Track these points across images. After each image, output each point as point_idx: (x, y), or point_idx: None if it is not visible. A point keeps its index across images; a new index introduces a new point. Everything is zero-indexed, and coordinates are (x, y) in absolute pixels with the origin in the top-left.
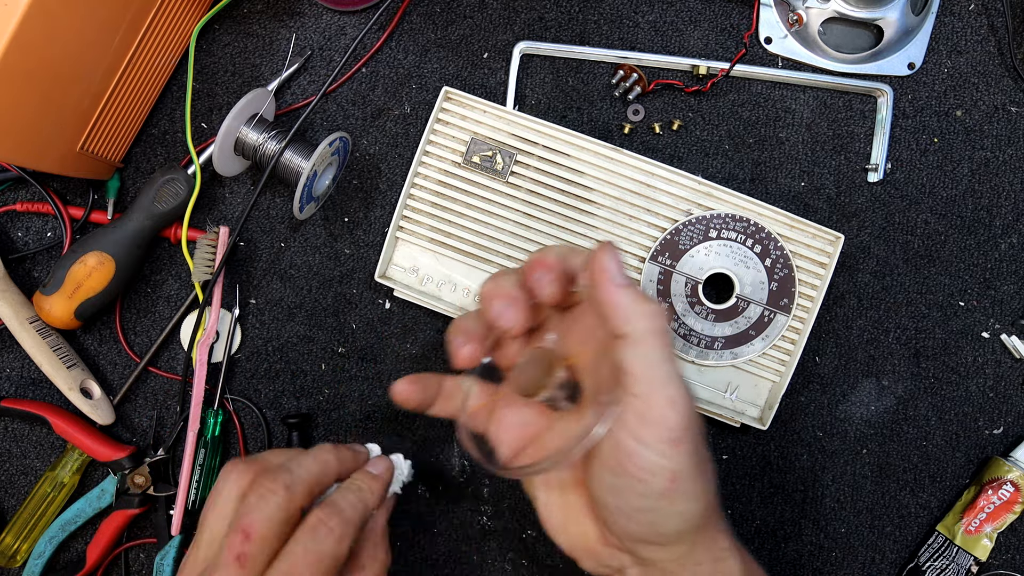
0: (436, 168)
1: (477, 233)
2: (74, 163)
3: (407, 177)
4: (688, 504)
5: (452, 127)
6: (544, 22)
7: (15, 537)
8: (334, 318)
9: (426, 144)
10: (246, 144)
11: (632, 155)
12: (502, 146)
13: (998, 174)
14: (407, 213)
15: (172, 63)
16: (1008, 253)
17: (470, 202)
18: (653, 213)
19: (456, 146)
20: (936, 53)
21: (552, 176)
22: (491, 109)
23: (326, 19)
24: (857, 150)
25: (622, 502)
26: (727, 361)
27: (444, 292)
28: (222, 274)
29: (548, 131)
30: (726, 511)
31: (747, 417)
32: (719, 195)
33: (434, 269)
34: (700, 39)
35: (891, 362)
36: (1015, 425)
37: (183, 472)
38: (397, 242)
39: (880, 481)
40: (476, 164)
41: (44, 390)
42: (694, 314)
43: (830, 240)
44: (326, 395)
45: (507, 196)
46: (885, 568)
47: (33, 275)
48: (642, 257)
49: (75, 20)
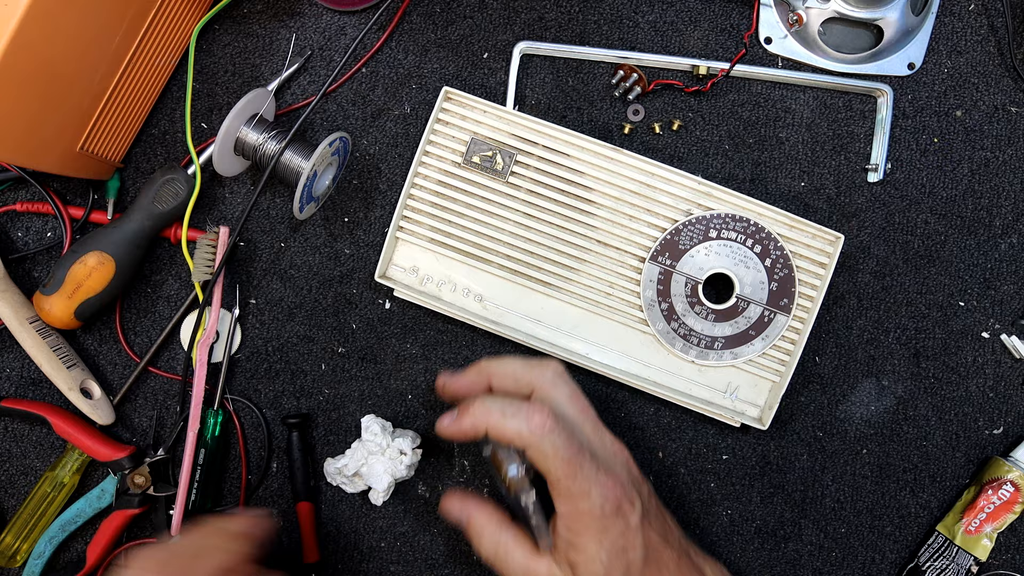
0: (436, 168)
1: (477, 233)
2: (74, 163)
3: (407, 177)
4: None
5: (452, 127)
6: (544, 22)
7: (15, 537)
8: (334, 318)
9: (426, 144)
10: (246, 144)
11: (632, 155)
12: (502, 146)
13: (998, 174)
14: (407, 213)
15: (172, 63)
16: (1008, 253)
17: (470, 202)
18: (653, 213)
19: (456, 146)
20: (936, 53)
21: (552, 176)
22: (491, 109)
23: (326, 19)
24: (857, 150)
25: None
26: (727, 361)
27: (444, 292)
28: (222, 274)
29: (548, 131)
30: (726, 511)
31: (747, 417)
32: (719, 195)
33: (434, 269)
34: (700, 39)
35: (891, 362)
36: (1015, 425)
37: (183, 472)
38: (397, 242)
39: (880, 481)
40: (476, 164)
41: (44, 390)
42: (694, 314)
43: (830, 240)
44: (326, 395)
45: (507, 196)
46: (885, 568)
47: (33, 275)
48: (642, 257)
49: (75, 20)
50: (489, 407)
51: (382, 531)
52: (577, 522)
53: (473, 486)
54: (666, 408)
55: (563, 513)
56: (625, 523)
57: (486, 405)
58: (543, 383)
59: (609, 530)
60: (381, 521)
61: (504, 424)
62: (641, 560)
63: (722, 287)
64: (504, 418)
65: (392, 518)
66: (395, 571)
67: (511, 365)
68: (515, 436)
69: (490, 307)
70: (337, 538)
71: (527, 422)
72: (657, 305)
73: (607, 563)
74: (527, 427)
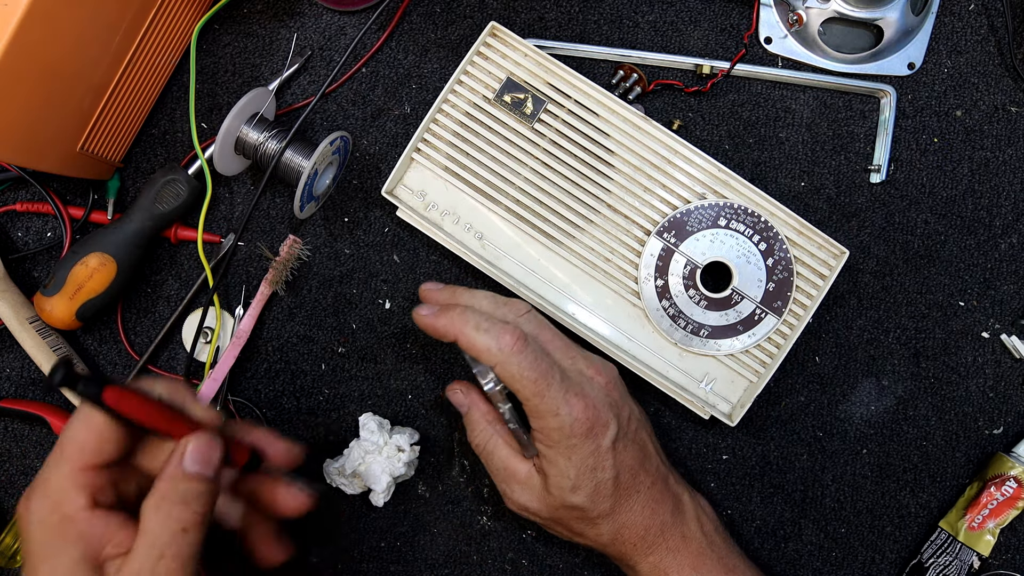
0: (465, 99)
1: (492, 172)
2: (74, 163)
3: (435, 102)
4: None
5: (491, 63)
6: (544, 22)
7: (15, 537)
8: (334, 318)
9: (460, 74)
10: (247, 143)
11: (660, 128)
12: (536, 92)
13: (998, 174)
14: (427, 137)
15: (172, 63)
16: (1008, 253)
17: (492, 139)
18: (668, 189)
19: (490, 81)
20: (936, 53)
21: (577, 132)
22: (532, 53)
23: (326, 19)
24: (857, 150)
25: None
26: (710, 351)
27: (446, 222)
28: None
29: (584, 87)
30: (726, 511)
31: (717, 411)
32: (736, 185)
33: (442, 197)
34: (700, 39)
35: (891, 362)
36: (1015, 425)
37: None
38: (411, 163)
39: (880, 481)
40: (506, 104)
41: (44, 390)
42: (687, 297)
43: (834, 253)
44: (326, 395)
45: (529, 142)
46: (885, 568)
47: (33, 275)
48: (648, 230)
49: (75, 20)
50: (467, 317)
51: (382, 531)
52: (548, 437)
53: (473, 486)
54: (666, 408)
55: (536, 428)
56: (596, 444)
57: (465, 315)
58: (511, 318)
59: (578, 448)
60: (381, 521)
61: (475, 337)
62: (611, 480)
63: (719, 276)
64: (477, 331)
65: (392, 518)
66: (395, 571)
67: (483, 299)
68: (483, 351)
69: (488, 247)
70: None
71: (497, 340)
72: (653, 281)
73: (574, 479)
74: (496, 345)
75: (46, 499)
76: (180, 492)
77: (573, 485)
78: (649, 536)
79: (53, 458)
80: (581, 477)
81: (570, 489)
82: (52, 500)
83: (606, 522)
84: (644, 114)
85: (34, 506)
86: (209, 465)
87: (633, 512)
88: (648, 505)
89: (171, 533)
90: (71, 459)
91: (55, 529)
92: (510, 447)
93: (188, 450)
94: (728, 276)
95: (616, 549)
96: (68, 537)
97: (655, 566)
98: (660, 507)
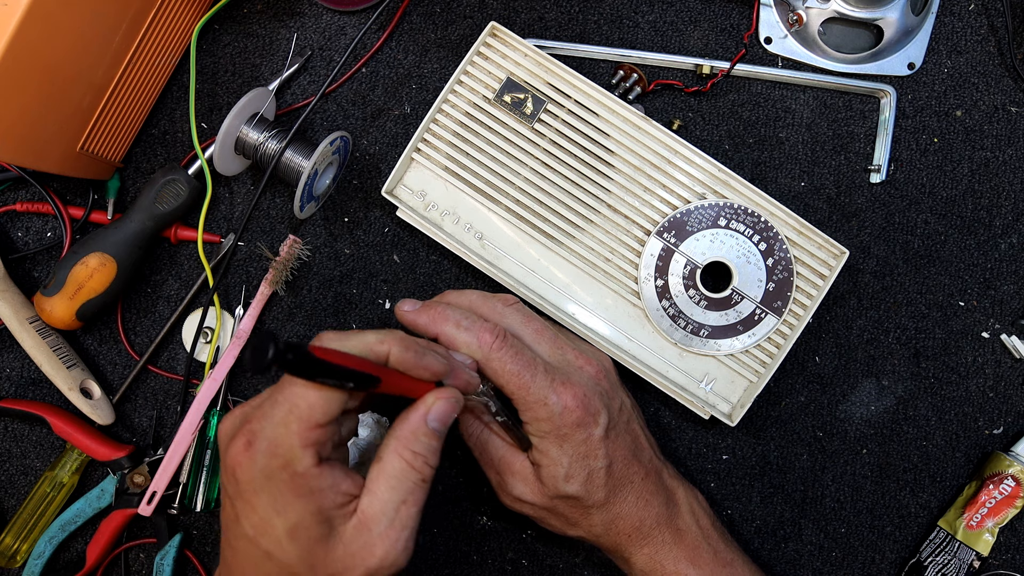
0: (466, 99)
1: (492, 171)
2: (74, 163)
3: (435, 102)
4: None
5: (491, 63)
6: (544, 22)
7: (15, 537)
8: (334, 318)
9: (461, 74)
10: (247, 143)
11: (661, 128)
12: (536, 92)
13: (998, 174)
14: (427, 137)
15: (172, 63)
16: (1008, 253)
17: (492, 139)
18: (668, 189)
19: (490, 82)
20: (936, 53)
21: (577, 132)
22: (532, 54)
23: (326, 19)
24: (857, 150)
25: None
26: (710, 351)
27: (446, 222)
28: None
29: (584, 87)
30: (726, 511)
31: (717, 411)
32: (736, 185)
33: (442, 197)
34: (700, 39)
35: (891, 362)
36: (1015, 425)
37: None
38: (411, 163)
39: (880, 481)
40: (506, 104)
41: (44, 390)
42: (687, 297)
43: (834, 254)
44: None
45: (529, 142)
46: (885, 568)
47: (33, 275)
48: (648, 230)
49: (75, 20)
50: (448, 315)
51: None
52: (539, 428)
53: (474, 486)
54: (666, 408)
55: (526, 420)
56: (588, 432)
57: (447, 312)
58: (493, 313)
59: (570, 436)
60: None
61: (456, 335)
62: (604, 469)
63: (719, 276)
64: (458, 329)
65: None
66: None
67: (470, 297)
68: (464, 348)
69: (488, 247)
70: None
71: (477, 338)
72: (653, 281)
73: (567, 467)
74: (476, 342)
75: (275, 457)
76: (423, 445)
77: (566, 474)
78: (644, 528)
79: (279, 417)
80: (574, 466)
81: (563, 478)
82: (282, 458)
83: (600, 512)
84: (644, 114)
85: (261, 462)
86: (447, 424)
87: (627, 503)
88: (642, 496)
89: (413, 483)
90: (302, 418)
91: (287, 485)
92: (503, 440)
93: (433, 407)
94: (728, 276)
95: (610, 540)
96: (301, 493)
97: (650, 558)
98: (654, 499)
